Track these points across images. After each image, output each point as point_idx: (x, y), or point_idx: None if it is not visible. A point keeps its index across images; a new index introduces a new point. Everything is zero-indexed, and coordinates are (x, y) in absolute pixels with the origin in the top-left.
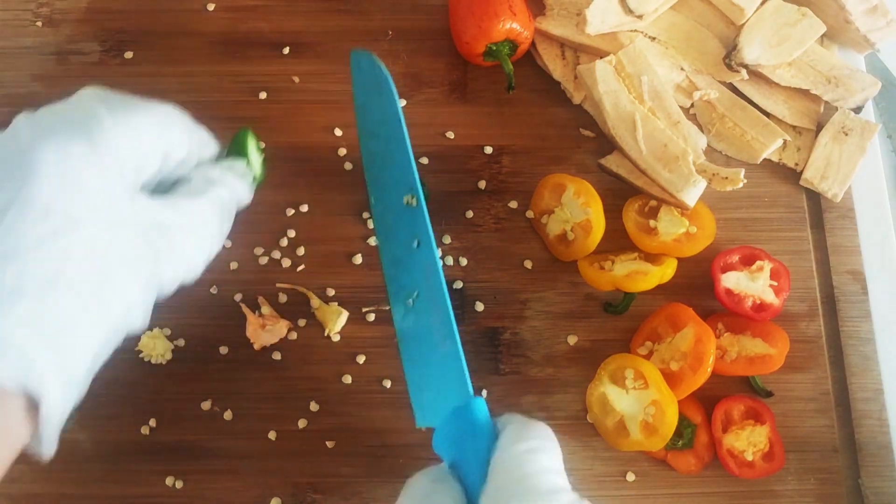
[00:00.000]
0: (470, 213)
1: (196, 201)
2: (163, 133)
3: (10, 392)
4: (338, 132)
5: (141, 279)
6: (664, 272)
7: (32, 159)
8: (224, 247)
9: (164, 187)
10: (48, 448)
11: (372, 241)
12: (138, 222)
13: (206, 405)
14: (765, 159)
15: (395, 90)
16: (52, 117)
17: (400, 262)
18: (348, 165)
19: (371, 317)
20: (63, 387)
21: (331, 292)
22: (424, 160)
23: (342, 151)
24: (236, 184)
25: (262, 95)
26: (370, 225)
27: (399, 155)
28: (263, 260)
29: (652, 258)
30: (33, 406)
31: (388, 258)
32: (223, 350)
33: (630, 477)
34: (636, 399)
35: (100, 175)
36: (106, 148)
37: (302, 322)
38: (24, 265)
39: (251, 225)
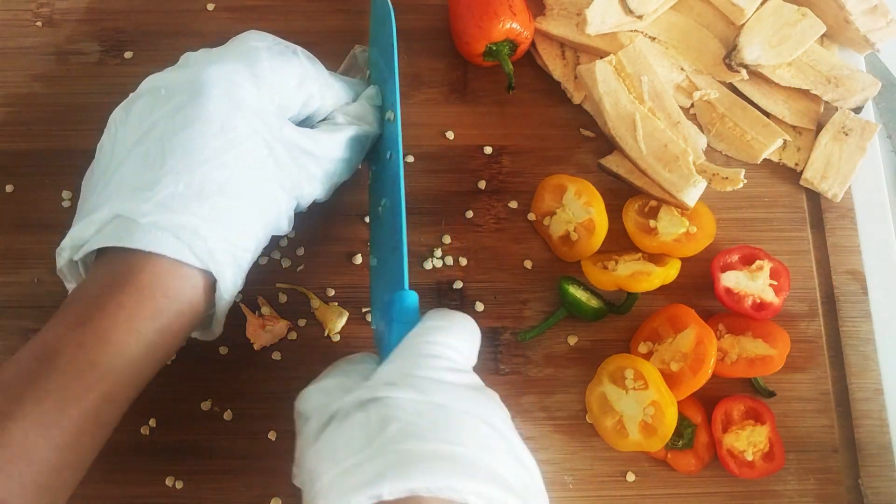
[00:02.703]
0: (470, 213)
1: (333, 136)
2: (303, 83)
3: (197, 272)
4: None
5: (287, 190)
6: (668, 273)
7: (203, 80)
8: None
9: (308, 125)
10: (218, 325)
11: None
12: (287, 144)
13: (206, 405)
14: (765, 159)
15: (394, 21)
16: (217, 51)
17: (378, 176)
18: None
19: (371, 317)
20: (233, 272)
21: (331, 292)
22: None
23: None
24: (367, 121)
25: None
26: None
27: (389, 77)
28: (263, 260)
29: (655, 258)
30: (210, 286)
31: (372, 175)
32: (223, 350)
33: (630, 477)
34: (635, 399)
35: (257, 99)
36: (262, 79)
37: (302, 322)
38: (207, 172)
39: None
